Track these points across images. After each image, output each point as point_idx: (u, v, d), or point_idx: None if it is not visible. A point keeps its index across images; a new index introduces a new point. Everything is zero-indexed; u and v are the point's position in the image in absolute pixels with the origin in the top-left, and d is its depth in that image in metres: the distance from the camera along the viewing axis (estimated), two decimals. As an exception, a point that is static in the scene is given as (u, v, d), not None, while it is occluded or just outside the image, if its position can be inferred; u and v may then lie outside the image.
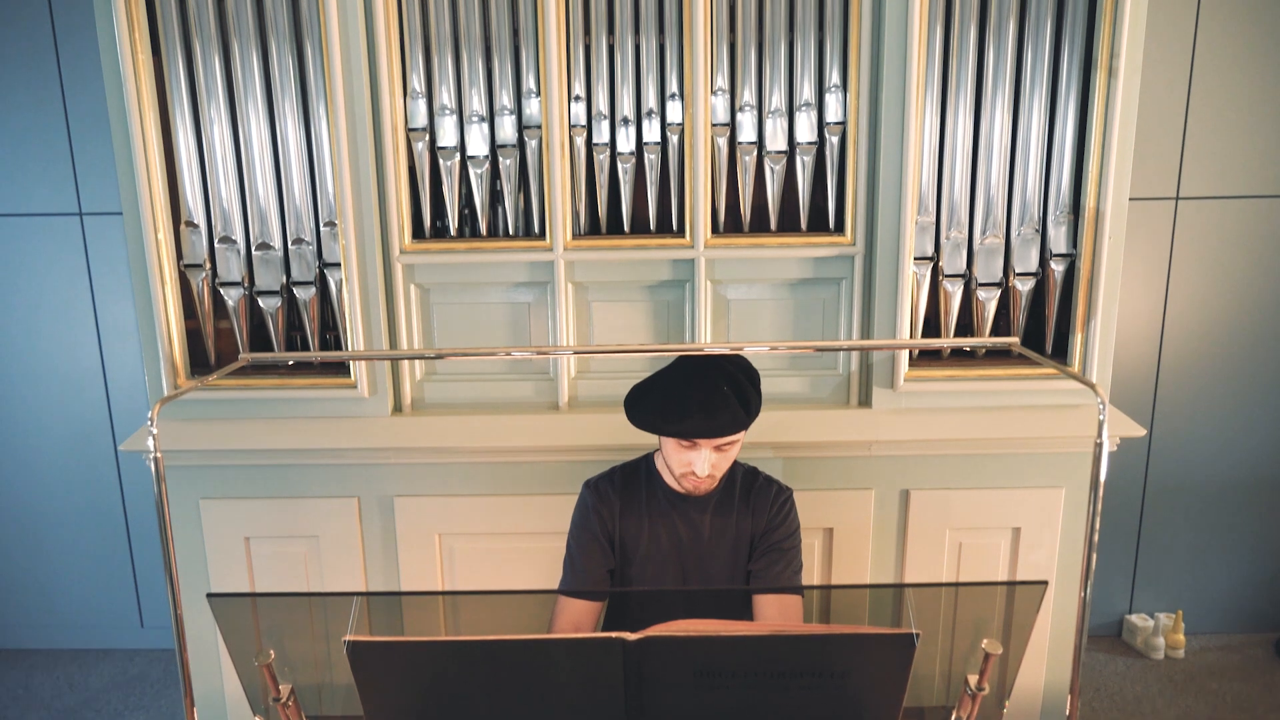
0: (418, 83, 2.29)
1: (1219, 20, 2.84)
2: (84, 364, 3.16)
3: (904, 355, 2.35)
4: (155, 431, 1.28)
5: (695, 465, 1.79)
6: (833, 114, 2.30)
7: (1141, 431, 2.38)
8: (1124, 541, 3.27)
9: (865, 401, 2.44)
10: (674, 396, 1.74)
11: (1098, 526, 1.31)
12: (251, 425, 2.40)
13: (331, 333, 2.44)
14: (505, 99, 2.30)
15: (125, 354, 3.15)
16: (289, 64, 2.25)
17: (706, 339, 2.39)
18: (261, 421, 2.41)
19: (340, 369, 2.41)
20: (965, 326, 2.44)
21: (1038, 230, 2.32)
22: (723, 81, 2.28)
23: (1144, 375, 3.13)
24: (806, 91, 2.29)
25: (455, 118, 2.30)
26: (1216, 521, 3.24)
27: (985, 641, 1.35)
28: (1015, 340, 1.61)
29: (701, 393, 1.73)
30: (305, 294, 2.36)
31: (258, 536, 2.45)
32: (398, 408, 2.46)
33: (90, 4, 2.72)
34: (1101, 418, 1.21)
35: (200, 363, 2.47)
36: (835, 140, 2.30)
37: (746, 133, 2.31)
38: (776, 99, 2.29)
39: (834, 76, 2.28)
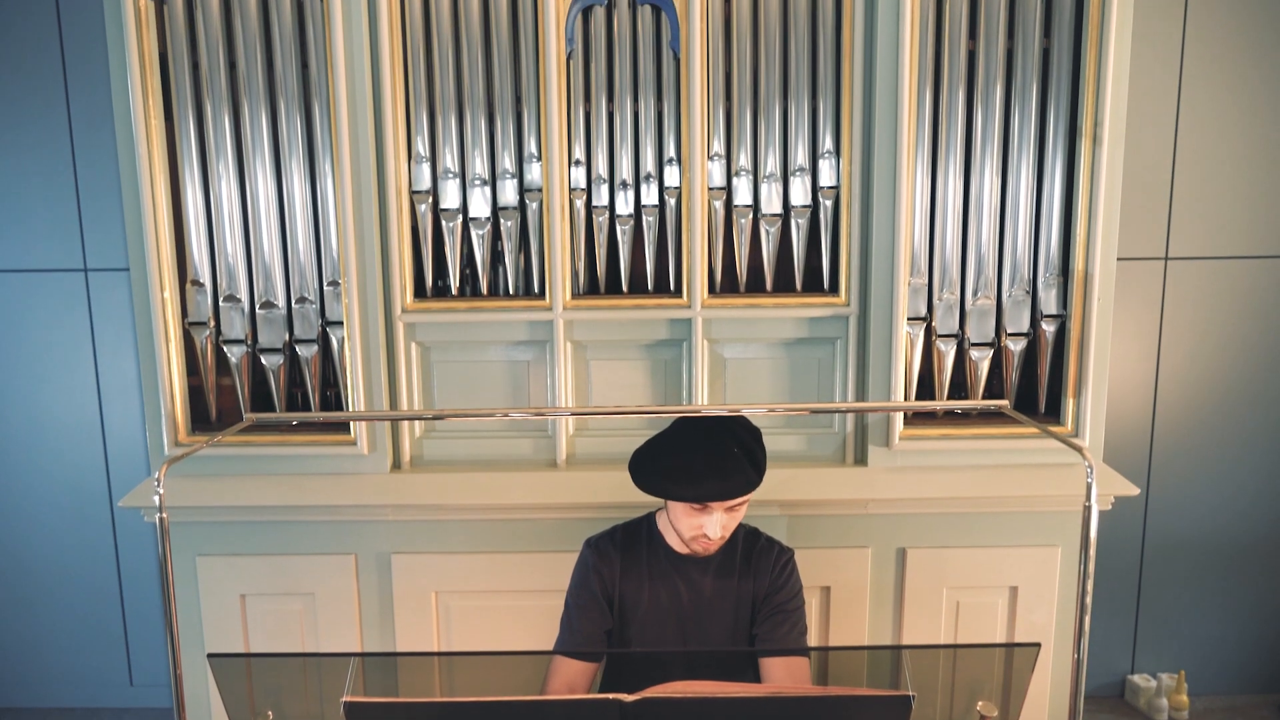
0: (422, 146, 2.35)
1: (1203, 83, 2.92)
2: (83, 419, 3.17)
3: (899, 415, 2.37)
4: (162, 491, 1.30)
5: (707, 528, 1.79)
6: (826, 178, 2.36)
7: (1135, 491, 2.39)
8: (1124, 600, 3.26)
9: (861, 460, 2.46)
10: (684, 461, 1.75)
11: (1089, 589, 1.32)
12: (250, 481, 2.41)
13: (332, 389, 2.46)
14: (507, 162, 2.36)
15: (125, 409, 3.16)
16: (297, 124, 2.31)
17: (704, 397, 2.41)
18: (260, 478, 2.42)
19: (340, 426, 2.43)
20: (959, 385, 2.47)
21: (1028, 292, 2.37)
22: (719, 146, 2.35)
23: (1139, 433, 3.15)
24: (800, 156, 2.35)
25: (458, 181, 2.36)
26: (1218, 580, 3.23)
27: (980, 704, 1.35)
28: (1005, 403, 1.64)
29: (712, 456, 1.74)
30: (307, 351, 2.39)
31: (254, 594, 2.44)
32: (396, 464, 2.48)
33: (103, 63, 2.79)
34: (1089, 481, 1.24)
35: (201, 419, 2.49)
36: (829, 204, 2.36)
37: (742, 196, 2.37)
38: (771, 163, 2.35)
39: (827, 142, 2.35)
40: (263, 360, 2.40)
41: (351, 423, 2.39)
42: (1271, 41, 2.88)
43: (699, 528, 1.80)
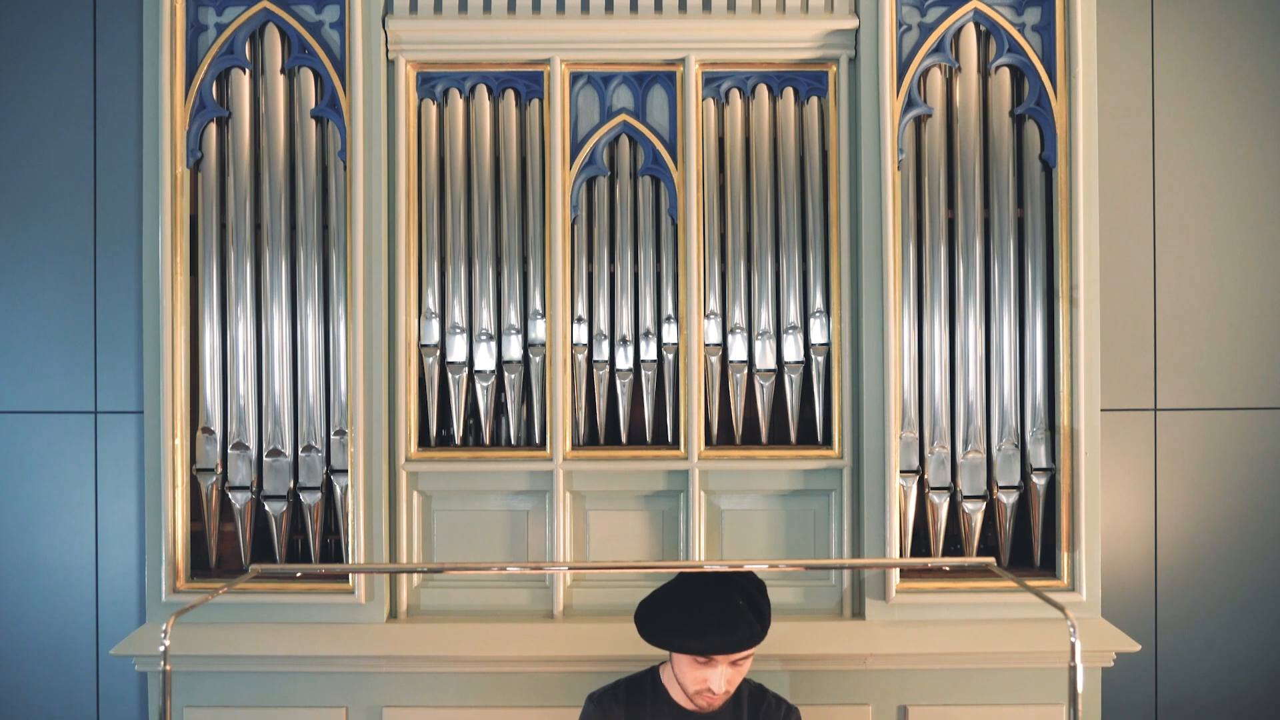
0: (432, 302, 2.47)
1: (1179, 239, 3.04)
2: (77, 562, 3.14)
3: (895, 568, 2.39)
4: (168, 643, 1.31)
5: (711, 682, 1.79)
6: (817, 336, 2.47)
7: (1136, 647, 2.38)
8: (1137, 763, 3.15)
9: (859, 613, 2.45)
10: (690, 613, 1.77)
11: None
12: (242, 630, 2.39)
13: (333, 537, 2.48)
14: (513, 317, 2.47)
15: (122, 553, 3.13)
16: (315, 270, 2.44)
17: (701, 548, 2.43)
18: (252, 626, 2.40)
19: (339, 573, 2.44)
20: (954, 537, 2.50)
21: (1017, 445, 2.43)
22: (715, 305, 2.47)
23: (1142, 586, 3.12)
24: (793, 314, 2.47)
25: (465, 336, 2.47)
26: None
27: None
28: (991, 560, 1.67)
29: (717, 608, 1.76)
30: (311, 499, 2.43)
31: (240, 749, 2.38)
32: (393, 614, 2.47)
33: (133, 218, 2.93)
34: (1073, 640, 1.26)
35: (201, 565, 2.49)
36: (820, 360, 2.46)
37: (737, 352, 2.47)
38: (765, 321, 2.47)
39: (817, 301, 2.47)
40: (266, 507, 2.43)
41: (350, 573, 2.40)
42: (1244, 198, 3.02)
43: (703, 681, 1.80)
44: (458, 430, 2.49)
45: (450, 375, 2.46)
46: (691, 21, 2.43)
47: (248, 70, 2.44)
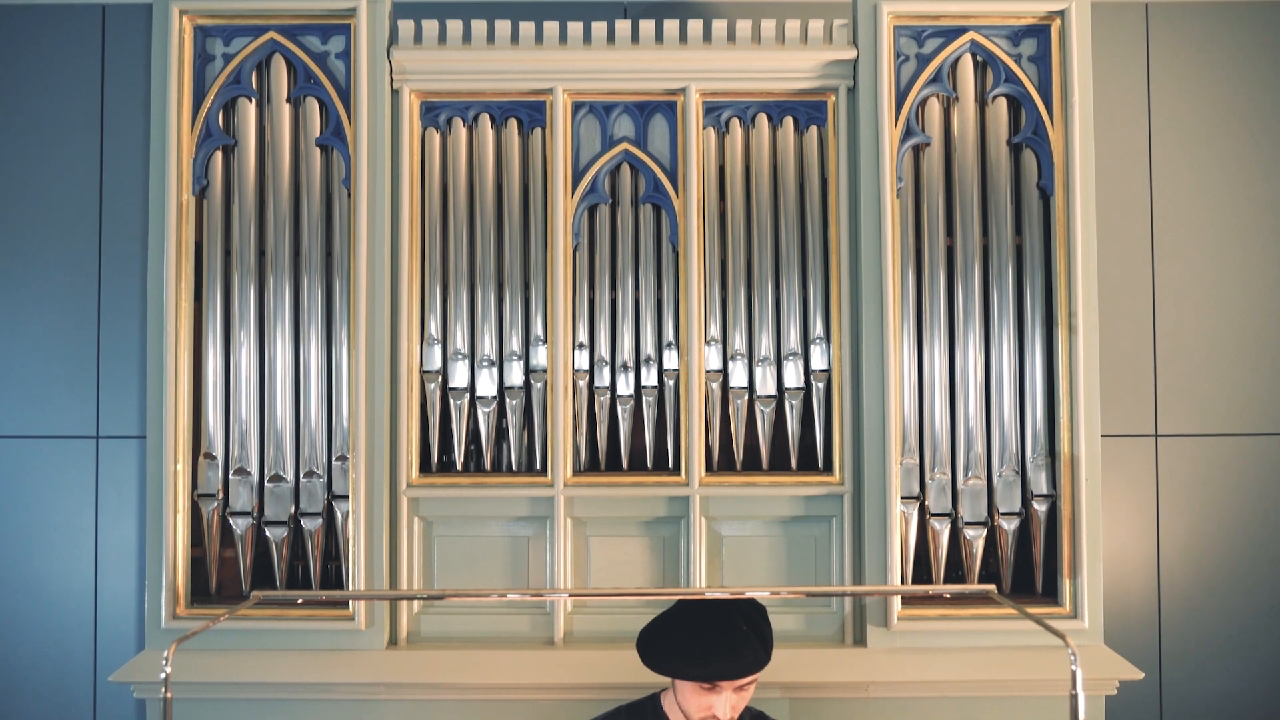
0: (435, 328, 2.48)
1: (1177, 265, 3.06)
2: (77, 587, 3.14)
3: (896, 595, 2.38)
4: (169, 669, 1.32)
5: (716, 708, 1.79)
6: (818, 362, 2.48)
7: (1139, 675, 2.36)
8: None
9: (861, 640, 2.44)
10: (694, 639, 1.77)
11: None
12: (241, 657, 2.38)
13: (334, 563, 2.48)
14: (515, 343, 2.48)
15: (121, 578, 3.12)
16: (318, 295, 2.45)
17: (702, 575, 2.43)
18: (252, 653, 2.39)
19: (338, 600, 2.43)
20: (955, 564, 2.49)
21: (1017, 471, 2.43)
22: (715, 331, 2.48)
23: (1145, 613, 3.10)
24: (793, 340, 2.48)
25: (467, 362, 2.48)
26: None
27: None
28: (991, 587, 1.67)
29: (721, 634, 1.76)
30: (312, 524, 2.43)
31: (238, 778, 2.36)
32: (393, 640, 2.46)
33: (138, 243, 2.95)
34: (1074, 668, 1.26)
35: (201, 591, 2.49)
36: (821, 386, 2.47)
37: (738, 378, 2.48)
38: (765, 346, 2.48)
39: (818, 327, 2.48)
40: (267, 533, 2.43)
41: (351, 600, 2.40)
42: (1242, 223, 3.04)
43: (708, 708, 1.80)
44: (459, 456, 2.49)
45: (452, 401, 2.47)
46: (692, 52, 2.47)
47: (254, 99, 2.47)
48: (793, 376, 2.48)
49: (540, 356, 2.48)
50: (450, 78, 2.49)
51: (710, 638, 1.76)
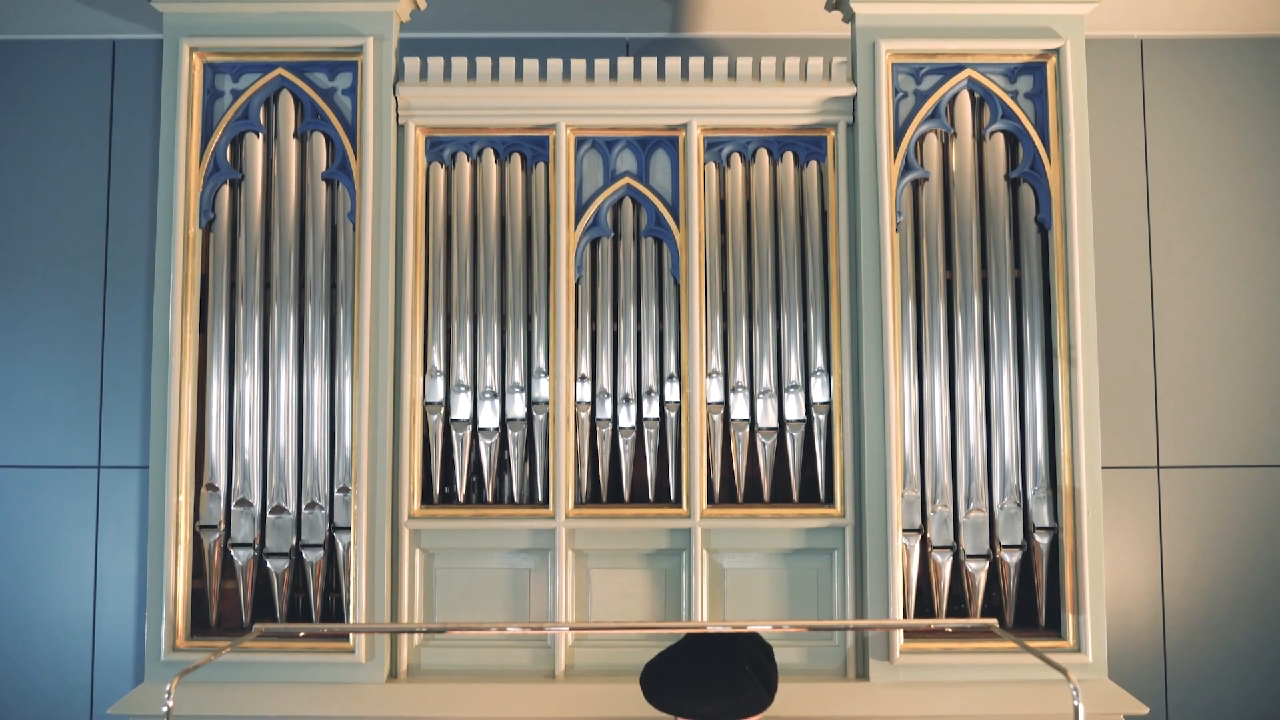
0: (437, 359, 2.50)
1: (1176, 297, 3.08)
2: (75, 619, 3.12)
3: (898, 629, 2.37)
4: (171, 704, 1.31)
5: None
6: (819, 395, 2.49)
7: (1144, 709, 2.35)
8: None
9: (863, 674, 2.43)
10: (696, 678, 1.77)
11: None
12: (240, 690, 2.37)
13: (334, 595, 2.47)
14: (517, 375, 2.50)
15: (120, 610, 3.11)
16: (321, 326, 2.47)
17: (703, 607, 2.42)
18: (251, 686, 2.38)
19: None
20: (958, 597, 2.48)
21: (1019, 504, 2.43)
22: (717, 363, 2.50)
23: (1149, 646, 3.08)
24: (794, 373, 2.49)
25: (469, 394, 2.49)
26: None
27: None
28: (993, 621, 1.67)
29: (724, 673, 1.76)
30: (313, 556, 2.43)
31: (235, 814, 2.34)
32: (393, 673, 2.44)
33: (143, 275, 2.98)
34: (1076, 703, 1.26)
35: (201, 623, 2.48)
36: (822, 418, 2.48)
37: (739, 411, 2.49)
38: (767, 379, 2.49)
39: (818, 360, 2.49)
40: (268, 564, 2.43)
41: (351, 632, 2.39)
42: (1240, 255, 3.06)
43: None
44: (461, 488, 2.50)
45: (454, 432, 2.48)
46: (694, 89, 2.50)
47: (261, 134, 2.50)
48: (794, 409, 2.49)
49: (542, 388, 2.49)
50: (455, 113, 2.53)
51: (714, 678, 1.76)
